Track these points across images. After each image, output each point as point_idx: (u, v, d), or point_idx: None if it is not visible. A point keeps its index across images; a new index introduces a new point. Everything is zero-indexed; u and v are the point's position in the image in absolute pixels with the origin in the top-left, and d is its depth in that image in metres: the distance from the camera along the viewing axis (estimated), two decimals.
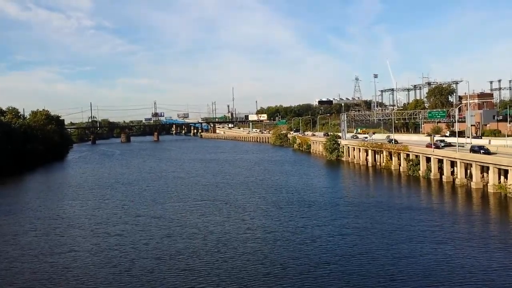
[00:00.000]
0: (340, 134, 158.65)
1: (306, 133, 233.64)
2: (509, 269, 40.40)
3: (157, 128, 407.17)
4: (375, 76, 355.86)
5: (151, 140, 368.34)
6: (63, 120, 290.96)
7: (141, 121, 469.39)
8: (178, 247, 50.96)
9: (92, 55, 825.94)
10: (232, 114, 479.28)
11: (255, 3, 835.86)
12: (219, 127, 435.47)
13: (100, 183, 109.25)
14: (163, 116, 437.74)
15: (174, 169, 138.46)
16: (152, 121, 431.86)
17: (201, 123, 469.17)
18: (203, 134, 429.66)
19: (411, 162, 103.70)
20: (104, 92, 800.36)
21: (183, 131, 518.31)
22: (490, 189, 76.02)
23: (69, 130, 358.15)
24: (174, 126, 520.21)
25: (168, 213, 70.56)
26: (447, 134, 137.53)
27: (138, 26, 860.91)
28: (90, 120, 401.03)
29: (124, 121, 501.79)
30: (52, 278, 42.40)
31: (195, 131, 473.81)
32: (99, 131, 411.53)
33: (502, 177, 76.05)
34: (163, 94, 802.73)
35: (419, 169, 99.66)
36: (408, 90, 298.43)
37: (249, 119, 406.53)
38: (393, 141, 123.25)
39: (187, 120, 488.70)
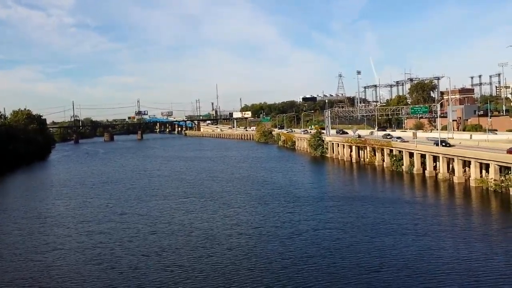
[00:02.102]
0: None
1: (294, 130, 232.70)
2: (489, 259, 41.36)
3: (141, 126, 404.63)
4: (358, 72, 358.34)
5: (135, 138, 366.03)
6: (45, 119, 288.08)
7: (125, 119, 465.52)
8: (163, 244, 51.09)
9: (74, 53, 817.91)
10: (216, 112, 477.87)
11: (238, 0, 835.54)
12: (203, 125, 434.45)
13: (84, 182, 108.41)
14: (147, 114, 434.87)
15: (158, 167, 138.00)
16: (135, 120, 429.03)
17: (185, 121, 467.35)
18: (188, 132, 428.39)
19: (394, 158, 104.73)
20: (87, 91, 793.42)
21: (167, 129, 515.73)
22: (472, 183, 77.15)
23: (51, 129, 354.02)
24: (158, 124, 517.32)
25: (153, 210, 70.49)
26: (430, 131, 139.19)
27: (121, 23, 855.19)
28: (72, 119, 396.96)
29: (107, 120, 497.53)
30: (37, 277, 42.29)
31: (179, 129, 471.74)
32: (81, 130, 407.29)
33: (483, 171, 77.30)
34: (147, 92, 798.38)
35: (402, 164, 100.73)
36: (391, 86, 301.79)
37: (234, 116, 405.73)
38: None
39: (171, 118, 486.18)
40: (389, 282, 37.16)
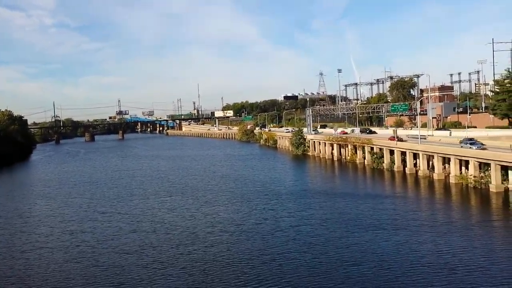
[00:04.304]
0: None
1: (282, 128, 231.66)
2: (466, 252, 42.08)
3: (122, 126, 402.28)
4: (339, 71, 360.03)
5: (116, 138, 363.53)
6: (26, 120, 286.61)
7: (106, 119, 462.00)
8: (145, 242, 51.06)
9: (56, 54, 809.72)
10: (198, 111, 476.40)
11: None
12: (185, 124, 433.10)
13: (65, 182, 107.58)
14: (128, 114, 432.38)
15: (140, 166, 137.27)
16: (116, 120, 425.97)
17: (167, 120, 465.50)
18: (169, 131, 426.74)
19: (375, 155, 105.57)
20: (68, 91, 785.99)
21: (149, 129, 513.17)
22: (452, 180, 78.20)
23: (33, 130, 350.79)
24: (139, 124, 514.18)
25: (134, 209, 70.29)
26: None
27: (102, 23, 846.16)
28: (53, 120, 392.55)
29: (88, 120, 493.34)
30: (20, 275, 42.19)
31: (160, 128, 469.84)
32: (62, 131, 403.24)
33: (463, 168, 78.36)
34: (128, 92, 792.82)
35: (383, 162, 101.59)
36: (371, 84, 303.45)
37: (215, 115, 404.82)
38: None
39: (152, 118, 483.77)
40: (368, 276, 37.64)
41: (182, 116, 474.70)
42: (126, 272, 41.37)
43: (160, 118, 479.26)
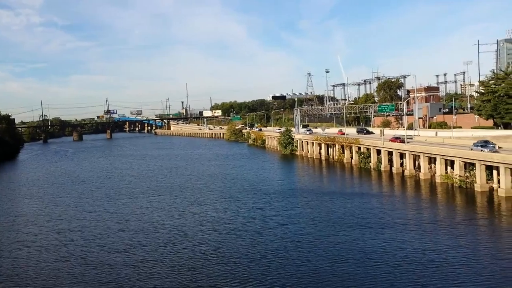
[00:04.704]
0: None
1: (262, 128, 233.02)
2: (451, 250, 42.76)
3: (110, 125, 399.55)
4: (327, 71, 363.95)
5: (104, 138, 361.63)
6: (14, 119, 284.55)
7: (94, 119, 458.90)
8: (133, 241, 51.24)
9: (43, 53, 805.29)
10: (186, 111, 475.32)
11: None
12: (173, 124, 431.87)
13: (53, 182, 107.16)
14: (116, 113, 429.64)
15: (128, 166, 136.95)
16: (104, 119, 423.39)
17: (155, 120, 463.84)
18: (157, 131, 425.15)
19: (362, 155, 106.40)
20: (56, 90, 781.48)
21: (137, 128, 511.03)
22: (438, 179, 79.18)
23: (20, 129, 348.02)
24: (127, 123, 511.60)
25: (123, 208, 70.34)
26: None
27: (90, 22, 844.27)
28: (41, 119, 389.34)
29: (76, 119, 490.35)
30: (8, 274, 42.22)
31: (149, 128, 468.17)
32: (50, 130, 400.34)
33: (449, 168, 79.37)
34: (116, 91, 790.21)
35: (370, 162, 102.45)
36: (359, 84, 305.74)
37: (204, 115, 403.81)
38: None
39: (140, 117, 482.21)
40: (355, 274, 38.19)
41: (171, 116, 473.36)
42: (115, 271, 41.54)
43: (148, 117, 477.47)
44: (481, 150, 72.55)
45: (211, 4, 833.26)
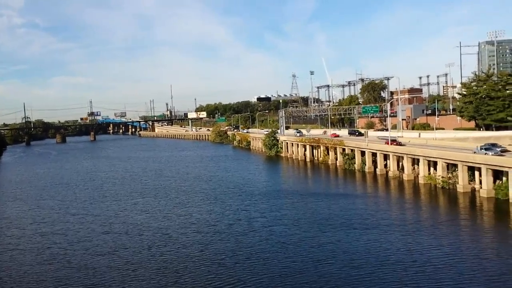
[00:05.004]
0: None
1: (249, 130, 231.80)
2: (434, 250, 43.36)
3: (94, 127, 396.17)
4: (311, 73, 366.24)
5: (88, 140, 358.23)
6: None
7: (77, 121, 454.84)
8: (117, 243, 50.97)
9: (25, 54, 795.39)
10: (171, 112, 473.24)
11: (192, 1, 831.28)
12: (158, 126, 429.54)
13: (36, 184, 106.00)
14: (100, 115, 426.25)
15: (112, 168, 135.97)
16: (88, 121, 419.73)
17: (139, 121, 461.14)
18: (142, 132, 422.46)
19: (347, 156, 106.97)
20: (39, 92, 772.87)
21: (121, 130, 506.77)
22: (421, 180, 79.99)
23: (3, 131, 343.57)
24: (111, 125, 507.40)
25: (107, 211, 69.87)
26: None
27: (72, 23, 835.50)
28: (23, 121, 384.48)
29: (59, 121, 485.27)
30: None
31: (133, 130, 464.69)
32: (33, 132, 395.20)
33: (431, 169, 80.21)
34: (100, 93, 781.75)
35: (355, 163, 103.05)
36: (343, 86, 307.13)
37: (188, 117, 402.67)
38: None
39: (124, 119, 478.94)
40: (339, 274, 38.50)
41: (155, 117, 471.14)
42: (99, 274, 41.29)
43: (132, 119, 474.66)
44: (485, 154, 69.40)
45: (195, 6, 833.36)
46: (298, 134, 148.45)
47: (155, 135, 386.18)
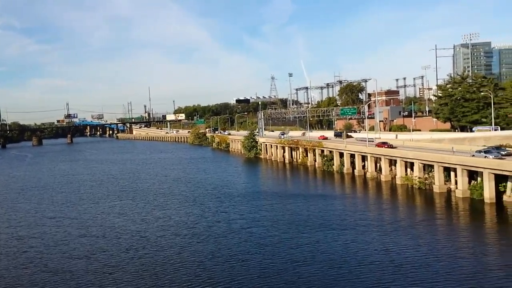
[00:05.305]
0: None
1: (236, 131, 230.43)
2: (411, 250, 43.92)
3: (71, 130, 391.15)
4: (290, 75, 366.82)
5: (65, 142, 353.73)
6: None
7: (54, 123, 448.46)
8: (95, 247, 50.50)
9: (2, 56, 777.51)
10: (149, 114, 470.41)
11: (169, 2, 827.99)
12: (136, 128, 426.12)
13: (12, 188, 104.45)
14: (77, 117, 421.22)
15: (89, 171, 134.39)
16: (65, 123, 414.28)
17: (117, 123, 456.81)
18: (120, 135, 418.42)
19: (325, 158, 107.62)
20: (15, 94, 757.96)
21: (98, 133, 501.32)
22: (398, 181, 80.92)
23: None
24: (88, 127, 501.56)
25: (84, 214, 69.12)
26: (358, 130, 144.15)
27: (49, 25, 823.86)
28: None
29: (36, 124, 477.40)
30: None
31: (110, 132, 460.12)
32: (9, 135, 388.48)
33: (408, 170, 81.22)
34: (77, 95, 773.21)
35: (333, 164, 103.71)
36: (322, 88, 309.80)
37: (167, 119, 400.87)
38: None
39: (102, 121, 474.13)
40: (318, 275, 38.71)
41: (133, 120, 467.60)
42: (76, 277, 40.82)
43: (109, 121, 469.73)
44: (485, 157, 65.84)
45: (173, 8, 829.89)
46: (282, 136, 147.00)
47: (133, 137, 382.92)
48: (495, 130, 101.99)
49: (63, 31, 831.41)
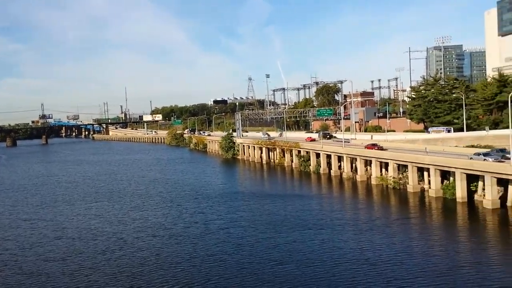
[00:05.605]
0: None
1: (210, 132, 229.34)
2: (386, 248, 44.82)
3: (46, 130, 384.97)
4: (267, 76, 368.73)
5: (40, 143, 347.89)
6: None
7: (28, 124, 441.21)
8: (70, 249, 50.24)
9: None
10: (125, 115, 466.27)
11: (146, 2, 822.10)
12: (112, 129, 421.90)
13: None
14: (52, 118, 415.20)
15: (64, 172, 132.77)
16: (40, 124, 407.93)
17: (93, 124, 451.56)
18: (96, 135, 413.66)
19: (302, 158, 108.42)
20: None
21: (74, 134, 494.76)
22: (373, 181, 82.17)
23: None
24: (64, 128, 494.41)
25: (59, 216, 68.50)
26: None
27: (23, 24, 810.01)
28: None
29: (9, 125, 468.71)
30: None
31: (86, 133, 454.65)
32: None
33: (383, 170, 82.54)
34: (52, 96, 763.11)
35: (310, 165, 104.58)
36: (298, 89, 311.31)
37: (144, 119, 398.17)
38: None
39: (78, 122, 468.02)
40: (294, 274, 39.26)
41: (109, 120, 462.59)
42: (51, 280, 40.58)
43: (85, 122, 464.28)
44: (484, 160, 63.12)
45: (149, 8, 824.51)
46: (266, 137, 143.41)
47: (110, 138, 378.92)
48: (448, 131, 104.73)
49: (37, 31, 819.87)
